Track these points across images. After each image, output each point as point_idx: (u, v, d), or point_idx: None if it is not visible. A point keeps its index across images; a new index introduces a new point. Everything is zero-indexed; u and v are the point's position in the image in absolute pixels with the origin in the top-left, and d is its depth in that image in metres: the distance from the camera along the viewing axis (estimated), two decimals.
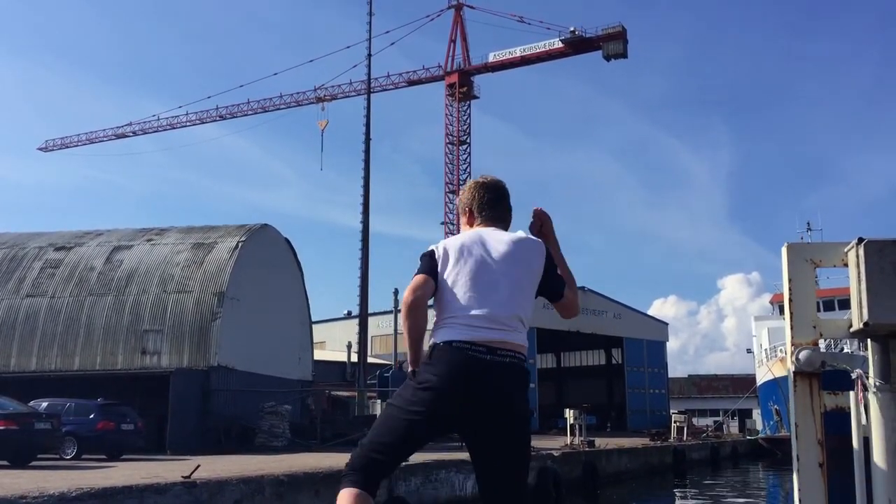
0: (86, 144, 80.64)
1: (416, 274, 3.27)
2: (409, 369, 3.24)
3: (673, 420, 43.64)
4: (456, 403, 3.05)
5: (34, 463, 17.82)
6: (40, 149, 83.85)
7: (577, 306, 3.48)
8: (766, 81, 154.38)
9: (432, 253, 3.31)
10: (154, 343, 28.41)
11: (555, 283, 3.37)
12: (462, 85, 67.54)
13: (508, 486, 3.12)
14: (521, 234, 3.42)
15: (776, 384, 47.30)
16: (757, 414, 61.05)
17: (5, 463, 17.32)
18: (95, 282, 30.29)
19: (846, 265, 2.50)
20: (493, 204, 3.48)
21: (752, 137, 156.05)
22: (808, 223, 56.74)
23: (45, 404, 21.22)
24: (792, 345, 2.59)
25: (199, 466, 13.33)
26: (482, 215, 3.46)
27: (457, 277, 3.21)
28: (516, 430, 3.13)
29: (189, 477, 12.41)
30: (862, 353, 2.59)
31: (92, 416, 21.43)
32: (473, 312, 3.14)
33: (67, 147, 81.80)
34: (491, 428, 3.08)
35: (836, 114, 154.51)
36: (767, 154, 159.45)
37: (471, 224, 3.49)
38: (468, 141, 69.21)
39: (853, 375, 2.51)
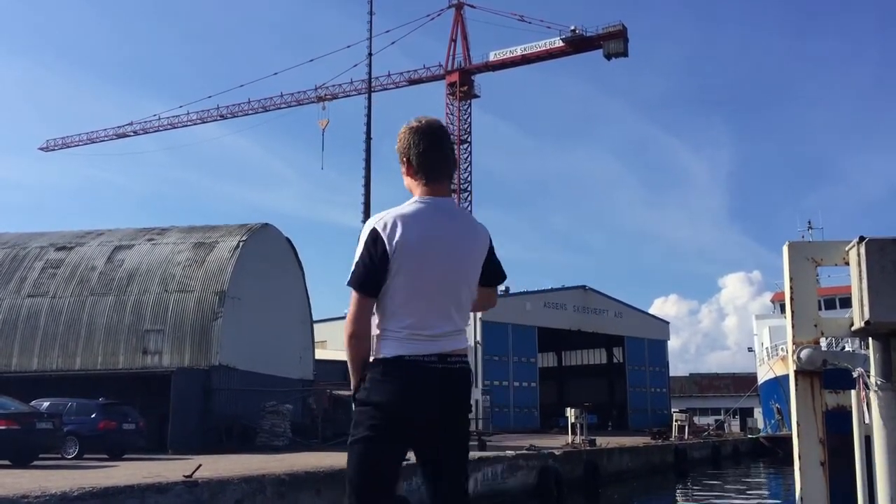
0: (86, 144, 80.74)
1: (356, 285, 3.02)
2: (353, 393, 3.11)
3: (674, 419, 43.65)
4: (415, 417, 3.03)
5: (36, 462, 17.83)
6: (41, 149, 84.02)
7: (488, 306, 3.42)
8: (766, 81, 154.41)
9: (384, 252, 2.99)
10: (155, 343, 28.44)
11: (491, 270, 3.28)
12: (463, 84, 67.51)
13: (462, 480, 3.19)
14: (469, 217, 3.26)
15: (777, 383, 47.20)
16: (758, 413, 60.93)
17: (7, 462, 17.33)
18: (97, 282, 30.32)
19: (847, 264, 2.49)
20: (432, 153, 3.22)
21: (752, 137, 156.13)
22: (809, 222, 56.45)
23: (46, 404, 21.24)
24: (793, 343, 2.59)
25: (200, 466, 13.34)
26: (424, 172, 3.21)
27: (405, 282, 3.03)
28: (465, 426, 3.20)
29: (190, 476, 12.43)
30: (863, 351, 2.59)
31: (93, 415, 21.46)
32: (422, 329, 3.04)
33: (68, 147, 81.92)
34: (442, 433, 3.10)
35: (836, 114, 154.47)
36: (767, 154, 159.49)
37: (411, 175, 3.25)
38: (469, 140, 69.18)
39: (854, 374, 2.51)
